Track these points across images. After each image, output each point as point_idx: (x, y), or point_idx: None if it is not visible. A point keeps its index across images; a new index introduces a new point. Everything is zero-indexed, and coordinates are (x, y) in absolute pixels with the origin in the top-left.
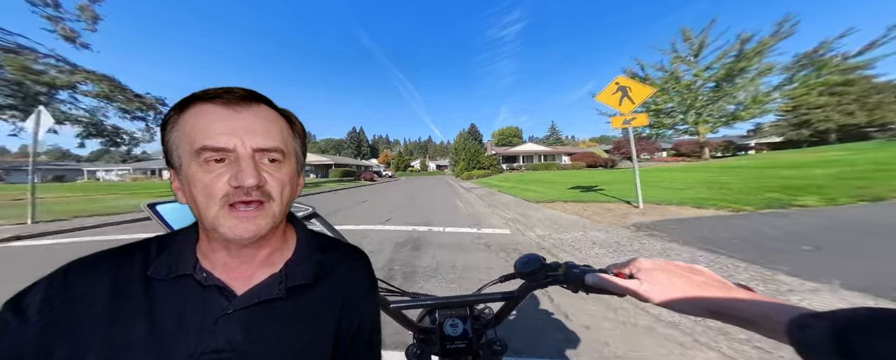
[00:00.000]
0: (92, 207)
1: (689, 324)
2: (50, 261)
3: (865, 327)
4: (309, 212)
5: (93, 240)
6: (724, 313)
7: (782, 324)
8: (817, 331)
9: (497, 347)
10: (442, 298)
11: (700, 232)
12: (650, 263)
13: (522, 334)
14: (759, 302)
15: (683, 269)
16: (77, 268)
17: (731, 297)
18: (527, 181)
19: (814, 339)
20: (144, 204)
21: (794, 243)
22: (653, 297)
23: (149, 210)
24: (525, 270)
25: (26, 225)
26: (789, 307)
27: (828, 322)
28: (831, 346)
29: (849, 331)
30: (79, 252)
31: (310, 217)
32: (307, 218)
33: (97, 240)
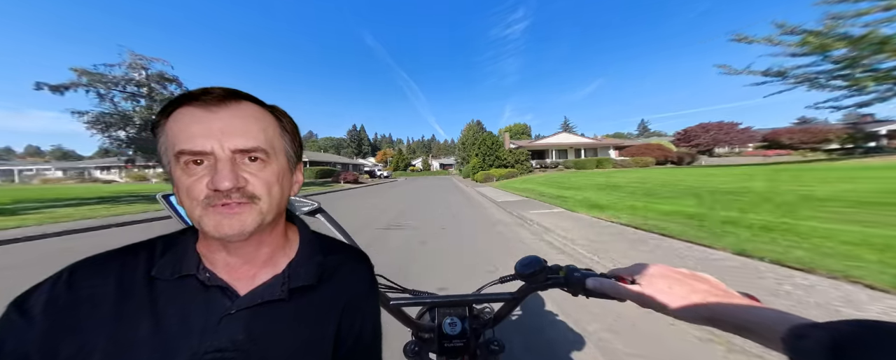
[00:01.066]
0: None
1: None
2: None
3: (864, 340)
4: (314, 207)
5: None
6: (722, 320)
7: (779, 333)
8: (815, 342)
9: (494, 347)
10: (442, 296)
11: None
12: (653, 269)
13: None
14: (757, 310)
15: (687, 276)
16: (82, 268)
17: (729, 304)
18: (610, 189)
19: (811, 350)
20: (159, 195)
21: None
22: (651, 303)
23: (163, 201)
24: (525, 272)
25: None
26: (787, 315)
27: (826, 334)
28: (829, 358)
29: (847, 344)
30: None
31: (314, 212)
32: (312, 213)
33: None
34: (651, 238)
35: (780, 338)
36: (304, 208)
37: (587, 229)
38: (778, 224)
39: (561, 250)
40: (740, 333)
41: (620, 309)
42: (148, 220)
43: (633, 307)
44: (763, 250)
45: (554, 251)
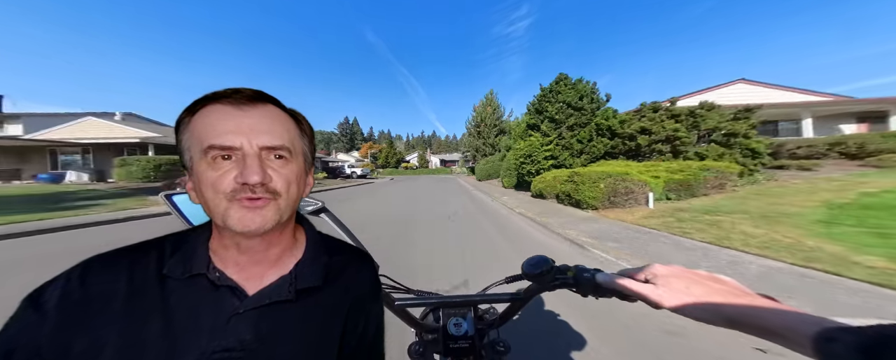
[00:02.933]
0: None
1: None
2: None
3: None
4: (318, 207)
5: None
6: (745, 322)
7: (808, 337)
8: (845, 346)
9: (500, 348)
10: (447, 297)
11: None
12: (667, 269)
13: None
14: (783, 312)
15: (704, 277)
16: (95, 264)
17: (753, 305)
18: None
19: (841, 353)
20: (162, 194)
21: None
22: (666, 302)
23: (165, 200)
24: (533, 272)
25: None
26: (815, 318)
27: (856, 337)
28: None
29: (878, 347)
30: None
31: (319, 211)
32: (316, 213)
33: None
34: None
35: (810, 341)
36: (308, 207)
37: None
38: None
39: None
40: (764, 335)
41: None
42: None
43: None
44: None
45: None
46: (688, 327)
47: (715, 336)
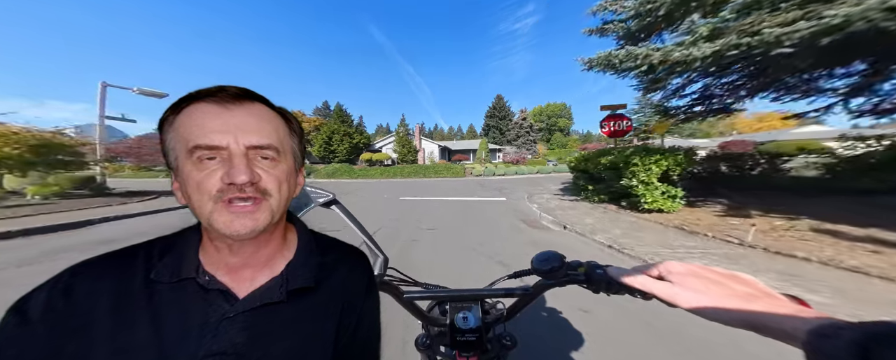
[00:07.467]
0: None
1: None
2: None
3: (892, 341)
4: (329, 198)
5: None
6: (767, 326)
7: (802, 332)
8: (840, 342)
9: (507, 342)
10: (454, 290)
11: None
12: (683, 267)
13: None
14: (807, 319)
15: (724, 276)
16: (81, 271)
17: (775, 312)
18: None
19: (834, 350)
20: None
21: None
22: (681, 302)
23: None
24: (543, 267)
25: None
26: (846, 323)
27: (852, 334)
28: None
29: (874, 344)
30: None
31: (330, 204)
32: (327, 204)
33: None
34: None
35: (803, 338)
36: (320, 199)
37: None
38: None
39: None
40: (786, 340)
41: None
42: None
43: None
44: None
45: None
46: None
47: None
